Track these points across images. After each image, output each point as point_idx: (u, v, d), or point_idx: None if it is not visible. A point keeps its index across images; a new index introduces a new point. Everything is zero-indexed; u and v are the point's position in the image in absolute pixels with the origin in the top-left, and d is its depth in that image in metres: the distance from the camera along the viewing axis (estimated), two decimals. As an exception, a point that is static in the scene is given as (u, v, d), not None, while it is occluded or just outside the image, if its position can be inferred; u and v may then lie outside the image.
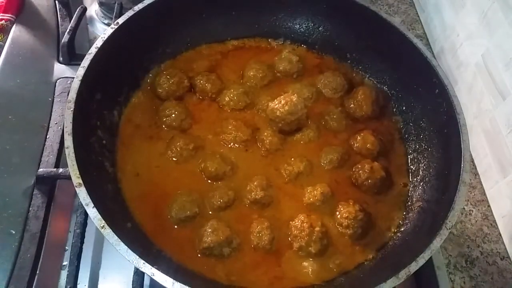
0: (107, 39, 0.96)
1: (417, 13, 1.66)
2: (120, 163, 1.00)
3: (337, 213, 0.96)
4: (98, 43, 0.95)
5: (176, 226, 0.93)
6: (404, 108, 1.12)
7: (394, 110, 1.14)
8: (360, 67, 1.20)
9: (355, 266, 0.92)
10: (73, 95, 0.86)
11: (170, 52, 1.18)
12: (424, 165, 1.02)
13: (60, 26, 1.40)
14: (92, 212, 0.74)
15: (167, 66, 1.16)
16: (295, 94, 1.04)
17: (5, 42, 1.31)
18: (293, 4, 1.22)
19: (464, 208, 1.19)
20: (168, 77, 1.11)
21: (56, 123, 1.16)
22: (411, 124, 1.09)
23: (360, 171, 1.00)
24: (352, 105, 1.12)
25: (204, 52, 1.22)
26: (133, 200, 0.95)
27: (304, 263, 0.91)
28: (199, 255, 0.90)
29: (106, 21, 1.42)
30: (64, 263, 0.97)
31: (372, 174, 0.99)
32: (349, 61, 1.21)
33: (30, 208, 1.01)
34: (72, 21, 1.34)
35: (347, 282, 0.89)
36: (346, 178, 1.03)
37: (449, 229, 0.79)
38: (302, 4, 1.21)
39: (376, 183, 0.99)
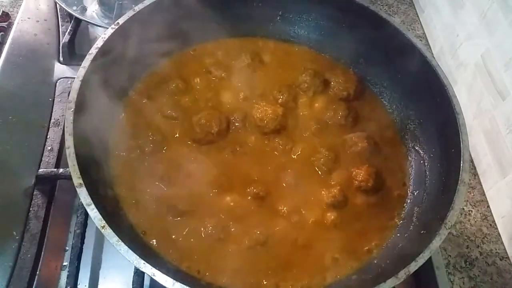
0: (108, 39, 0.96)
1: (416, 13, 1.66)
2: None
3: None
4: (99, 43, 0.95)
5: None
6: (402, 108, 1.12)
7: (393, 110, 1.14)
8: (358, 68, 1.19)
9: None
10: (73, 95, 0.86)
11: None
12: (423, 165, 1.02)
13: (60, 26, 1.40)
14: (93, 212, 0.74)
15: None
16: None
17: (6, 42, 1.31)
18: (290, 3, 1.21)
19: (463, 209, 1.19)
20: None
21: (56, 123, 1.16)
22: (409, 124, 1.09)
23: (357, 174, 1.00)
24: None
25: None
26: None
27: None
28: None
29: (106, 21, 1.42)
30: (65, 263, 0.97)
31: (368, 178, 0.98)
32: (347, 61, 1.21)
33: (31, 208, 1.01)
34: (72, 21, 1.35)
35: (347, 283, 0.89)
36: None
37: (449, 229, 0.79)
38: (299, 4, 1.21)
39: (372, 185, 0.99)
